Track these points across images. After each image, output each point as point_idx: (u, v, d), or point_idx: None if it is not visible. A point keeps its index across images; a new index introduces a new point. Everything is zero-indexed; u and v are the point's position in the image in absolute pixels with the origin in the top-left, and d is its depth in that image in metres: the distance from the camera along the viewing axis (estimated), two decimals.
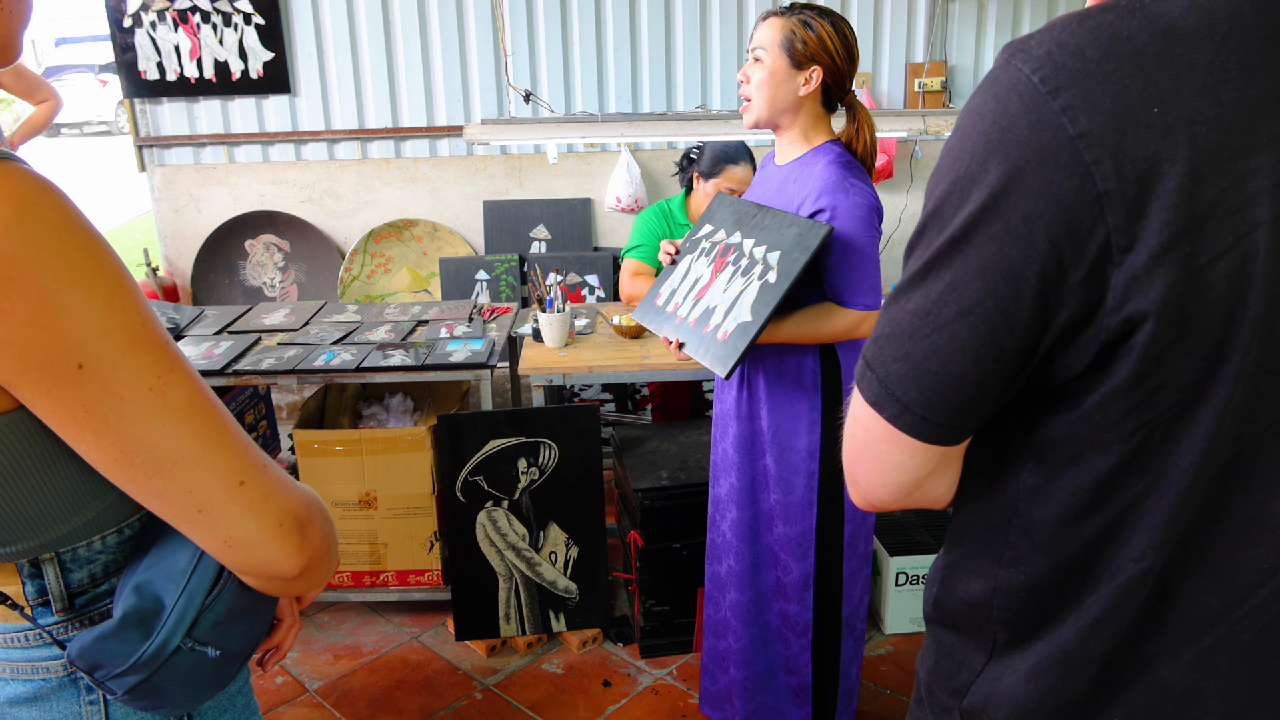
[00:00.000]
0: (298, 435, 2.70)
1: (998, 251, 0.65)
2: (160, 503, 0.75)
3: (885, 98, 4.20)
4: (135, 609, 0.81)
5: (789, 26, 1.86)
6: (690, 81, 4.07)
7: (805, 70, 1.87)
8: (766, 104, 1.90)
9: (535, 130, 2.83)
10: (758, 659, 2.21)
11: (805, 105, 1.92)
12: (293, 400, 4.27)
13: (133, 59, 3.85)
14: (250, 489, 0.76)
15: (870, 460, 0.76)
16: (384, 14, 3.92)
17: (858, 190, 1.86)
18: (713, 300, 2.00)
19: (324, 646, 2.80)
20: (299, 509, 0.80)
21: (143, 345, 0.71)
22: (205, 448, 0.73)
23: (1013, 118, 0.64)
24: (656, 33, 4.00)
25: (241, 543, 0.78)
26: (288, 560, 0.80)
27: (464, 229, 4.19)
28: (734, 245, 2.04)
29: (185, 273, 4.15)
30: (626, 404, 4.08)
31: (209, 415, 0.74)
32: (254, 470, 0.77)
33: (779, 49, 1.87)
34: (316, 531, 0.82)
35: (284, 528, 0.79)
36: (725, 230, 2.09)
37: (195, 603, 0.82)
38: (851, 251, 1.86)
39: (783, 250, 1.88)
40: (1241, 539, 0.70)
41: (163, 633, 0.80)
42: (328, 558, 0.85)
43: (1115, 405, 0.67)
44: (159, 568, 0.83)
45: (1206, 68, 0.60)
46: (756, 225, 1.99)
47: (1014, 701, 0.76)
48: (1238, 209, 0.60)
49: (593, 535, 2.74)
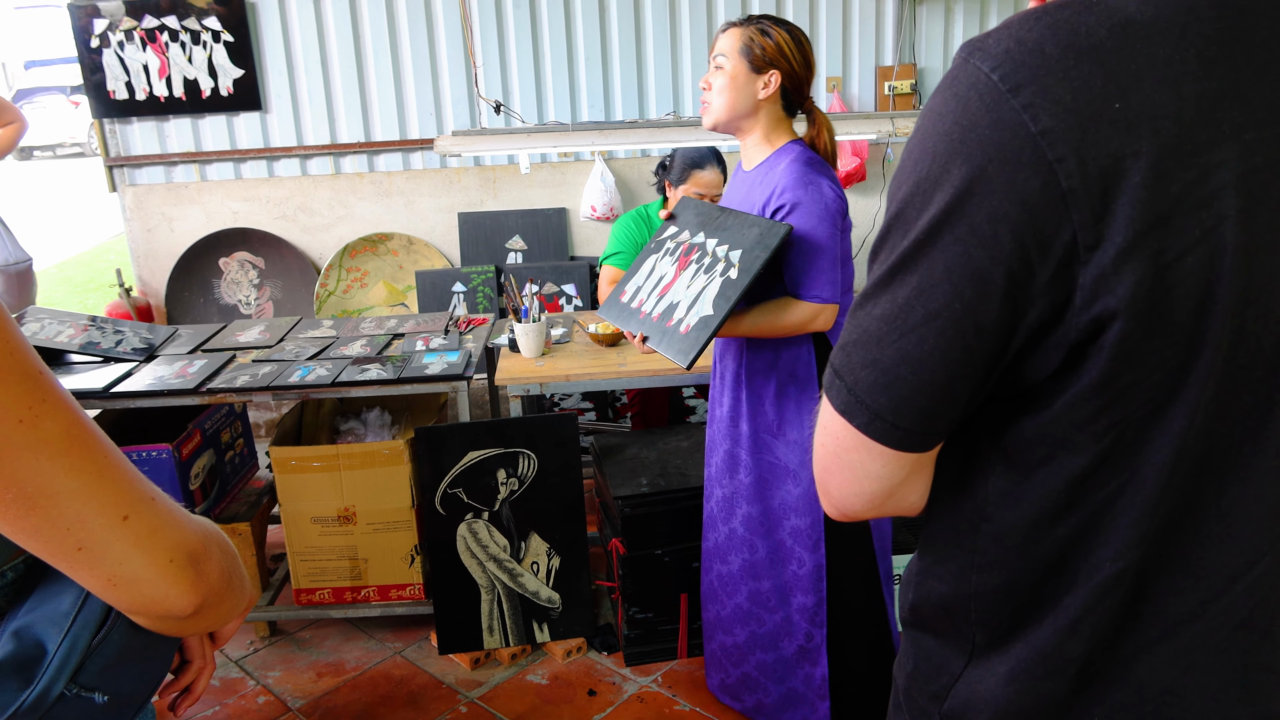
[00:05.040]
0: (274, 452, 2.69)
1: (963, 253, 0.64)
2: (35, 541, 0.69)
3: (856, 101, 4.22)
4: (13, 655, 0.75)
5: (748, 34, 1.96)
6: (662, 89, 4.08)
7: (764, 75, 1.95)
8: (727, 107, 1.98)
9: (507, 141, 2.83)
10: (785, 644, 2.25)
11: (764, 108, 1.99)
12: (270, 418, 4.24)
13: (101, 79, 3.82)
14: (135, 523, 0.71)
15: (842, 470, 0.75)
16: (354, 29, 3.92)
17: (818, 186, 1.91)
18: (676, 296, 2.06)
19: (306, 664, 2.78)
20: (192, 543, 0.75)
21: (11, 375, 0.65)
22: (83, 482, 0.68)
23: (973, 117, 0.63)
24: (627, 41, 4.02)
25: (127, 580, 0.72)
26: (180, 598, 0.75)
27: (439, 241, 4.19)
28: (697, 245, 2.10)
29: (159, 292, 4.12)
30: (607, 412, 4.08)
31: (87, 447, 0.69)
32: (139, 504, 0.72)
33: (739, 55, 1.96)
34: (213, 567, 0.77)
35: (175, 563, 0.74)
36: (689, 231, 2.15)
37: (80, 646, 0.77)
38: (809, 245, 1.91)
39: (744, 249, 1.94)
40: (1216, 534, 0.69)
41: (44, 680, 0.75)
42: (228, 593, 0.80)
43: (1086, 405, 0.66)
44: (40, 610, 0.78)
45: (1166, 61, 0.60)
46: (719, 226, 2.05)
47: (994, 705, 0.76)
48: (1203, 203, 0.60)
49: (574, 544, 2.74)
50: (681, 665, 2.71)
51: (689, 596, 2.67)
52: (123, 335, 2.95)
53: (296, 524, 2.72)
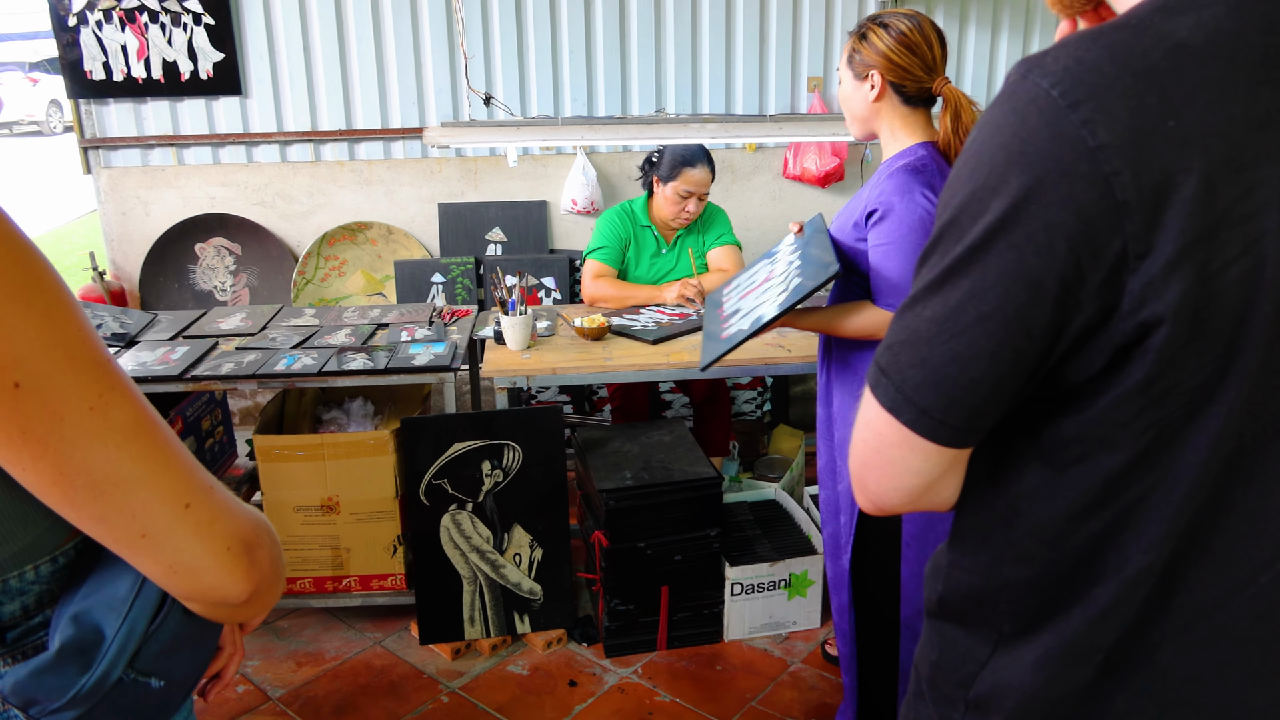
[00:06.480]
0: (258, 440, 2.68)
1: (1018, 259, 0.67)
2: (101, 528, 0.70)
3: (835, 102, 4.27)
4: (73, 640, 0.76)
5: (851, 44, 1.99)
6: (645, 84, 4.10)
7: (867, 79, 1.95)
8: (851, 118, 2.03)
9: (496, 134, 2.83)
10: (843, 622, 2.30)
11: (883, 109, 1.97)
12: (245, 405, 4.21)
13: (78, 58, 3.76)
14: (196, 512, 0.72)
15: (882, 465, 0.78)
16: (337, 15, 3.89)
17: (915, 197, 1.89)
18: (749, 303, 2.14)
19: (285, 654, 2.77)
20: (247, 532, 0.77)
21: (83, 363, 0.66)
22: (149, 469, 0.70)
23: (1032, 130, 0.66)
24: (611, 36, 4.03)
25: (187, 568, 0.74)
26: (236, 585, 0.77)
27: (419, 231, 4.17)
28: (785, 261, 2.18)
29: (133, 277, 4.07)
30: (584, 405, 4.10)
31: (152, 435, 0.70)
32: (200, 492, 0.73)
33: (845, 65, 2.00)
34: (265, 555, 0.79)
35: (231, 551, 0.75)
36: (793, 247, 2.21)
37: (138, 632, 0.78)
38: (895, 252, 1.90)
39: (801, 279, 1.99)
40: (1244, 529, 0.73)
41: (103, 664, 0.76)
42: (275, 582, 0.82)
43: (1129, 405, 0.69)
44: (97, 596, 0.78)
45: (1218, 84, 0.63)
46: (809, 246, 2.12)
47: (1021, 690, 0.79)
48: (1247, 217, 0.63)
49: (557, 536, 2.76)
50: (661, 657, 2.74)
51: (670, 589, 2.71)
52: (101, 321, 2.91)
53: (279, 513, 2.71)
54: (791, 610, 2.83)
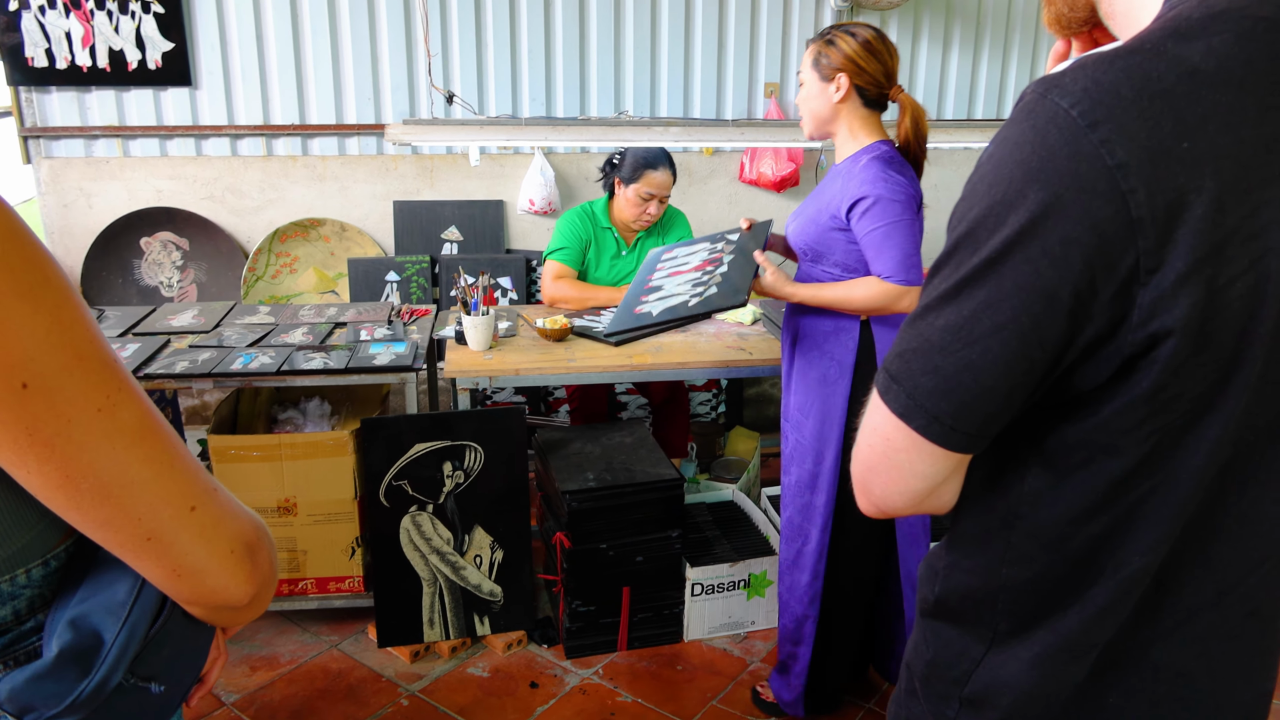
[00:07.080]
0: (213, 440, 2.62)
1: (1034, 271, 0.69)
2: (106, 531, 0.69)
3: (792, 109, 4.32)
4: (72, 645, 0.74)
5: (817, 48, 2.11)
6: (604, 86, 4.10)
7: (833, 80, 2.08)
8: (810, 117, 2.15)
9: (459, 132, 2.81)
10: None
11: (844, 110, 2.11)
12: (193, 404, 4.11)
13: (18, 43, 3.63)
14: (201, 514, 0.72)
15: (889, 470, 0.80)
16: (292, 7, 3.82)
17: (895, 179, 2.03)
18: (671, 286, 2.26)
19: (239, 658, 2.72)
20: (249, 534, 0.77)
21: (91, 363, 0.65)
22: (155, 472, 0.69)
23: (1052, 148, 0.68)
24: (571, 36, 4.02)
25: (191, 571, 0.73)
26: (239, 588, 0.76)
27: (373, 229, 4.12)
28: (716, 260, 2.27)
29: (74, 271, 3.94)
30: (539, 406, 4.08)
31: (159, 437, 0.69)
32: (205, 494, 0.73)
33: (810, 68, 2.12)
34: (265, 557, 0.79)
35: (235, 554, 0.75)
36: (733, 245, 2.30)
37: (137, 636, 0.76)
38: (896, 232, 2.01)
39: (721, 287, 2.15)
40: (1236, 532, 0.77)
41: (103, 669, 0.75)
42: (274, 584, 0.82)
43: (1133, 413, 0.72)
44: (95, 600, 0.76)
45: (1229, 108, 0.66)
46: (739, 258, 2.23)
47: (1017, 688, 0.81)
48: (1253, 235, 0.67)
49: (518, 538, 2.75)
50: (622, 657, 2.75)
51: (631, 589, 2.72)
52: None
53: None
54: (750, 610, 2.86)
